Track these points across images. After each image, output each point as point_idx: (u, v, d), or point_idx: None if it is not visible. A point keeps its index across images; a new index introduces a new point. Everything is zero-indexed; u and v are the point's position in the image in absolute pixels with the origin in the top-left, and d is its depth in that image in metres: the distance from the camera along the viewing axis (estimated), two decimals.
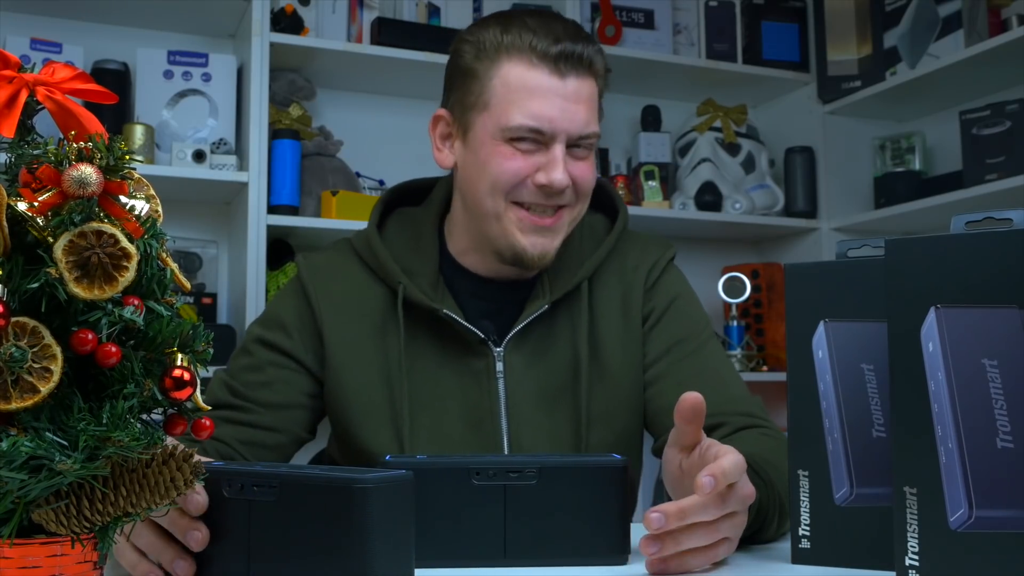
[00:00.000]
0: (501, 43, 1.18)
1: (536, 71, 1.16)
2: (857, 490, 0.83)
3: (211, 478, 0.72)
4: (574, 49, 1.16)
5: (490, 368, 1.22)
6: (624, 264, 1.29)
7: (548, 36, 1.16)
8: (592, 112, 1.19)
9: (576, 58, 1.16)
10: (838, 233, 2.67)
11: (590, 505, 0.84)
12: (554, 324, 1.24)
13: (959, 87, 2.50)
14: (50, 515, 0.55)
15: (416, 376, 1.22)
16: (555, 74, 1.16)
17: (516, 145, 1.17)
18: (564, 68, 1.16)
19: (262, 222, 2.12)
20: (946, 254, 0.72)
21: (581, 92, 1.17)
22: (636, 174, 2.63)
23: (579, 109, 1.17)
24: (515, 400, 1.21)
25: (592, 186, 1.23)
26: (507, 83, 1.17)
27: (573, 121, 1.16)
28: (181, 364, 0.57)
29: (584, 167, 1.20)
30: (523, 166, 1.17)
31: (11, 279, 0.54)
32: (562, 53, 1.15)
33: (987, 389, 0.71)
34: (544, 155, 1.17)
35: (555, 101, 1.15)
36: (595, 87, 1.20)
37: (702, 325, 1.31)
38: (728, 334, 2.60)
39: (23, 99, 0.57)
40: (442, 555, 0.82)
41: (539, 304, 1.22)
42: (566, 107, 1.16)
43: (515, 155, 1.17)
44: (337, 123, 2.44)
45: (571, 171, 1.18)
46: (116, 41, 2.27)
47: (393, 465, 0.83)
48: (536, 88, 1.15)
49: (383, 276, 1.25)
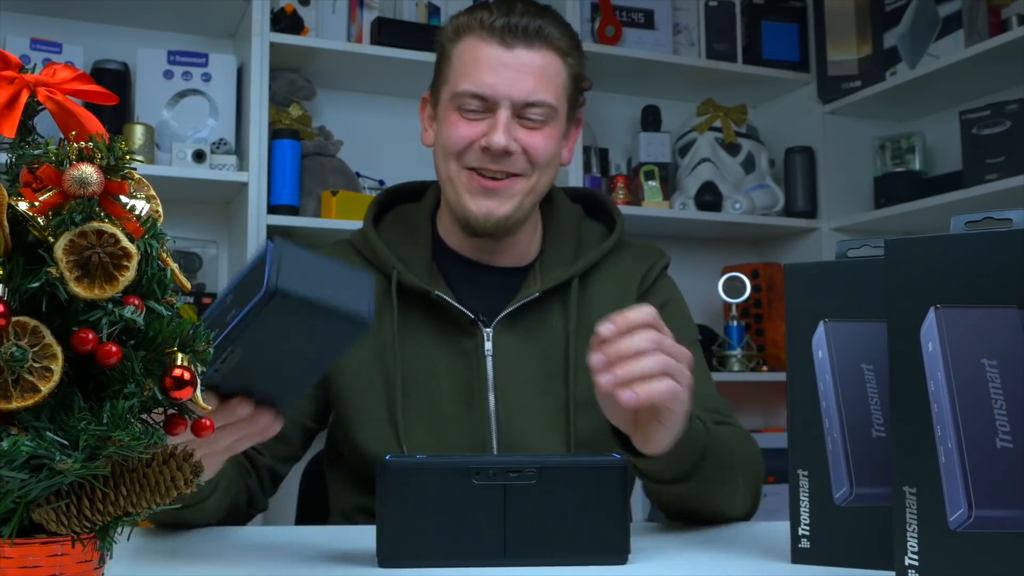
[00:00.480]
0: (461, 24, 1.26)
1: (485, 43, 1.23)
2: (857, 490, 0.83)
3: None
4: (520, 22, 1.22)
5: (479, 347, 1.25)
6: (620, 270, 1.33)
7: (500, 12, 1.23)
8: (542, 82, 1.23)
9: (522, 29, 1.22)
10: (838, 233, 2.67)
11: (590, 505, 0.84)
12: (545, 313, 1.28)
13: (959, 87, 2.50)
14: (50, 515, 0.55)
15: (410, 357, 1.25)
16: (501, 45, 1.22)
17: (464, 112, 1.24)
18: (510, 39, 1.22)
19: (262, 222, 2.12)
20: (946, 254, 0.72)
21: (530, 62, 1.22)
22: (636, 174, 2.63)
23: (525, 78, 1.22)
24: (503, 379, 1.24)
25: (548, 157, 1.26)
26: (461, 57, 1.25)
27: (517, 88, 1.22)
28: (181, 364, 0.57)
29: (537, 136, 1.24)
30: (469, 131, 1.23)
31: (12, 279, 0.54)
32: (508, 25, 1.22)
33: (987, 389, 0.71)
34: (490, 122, 1.23)
35: (499, 70, 1.22)
36: (552, 60, 1.25)
37: (690, 332, 1.36)
38: (728, 334, 2.60)
39: (24, 100, 0.57)
40: (442, 555, 0.82)
41: (531, 291, 1.26)
42: (510, 75, 1.22)
43: (461, 121, 1.24)
44: (337, 123, 2.44)
45: (522, 139, 1.23)
46: (116, 41, 2.27)
47: (393, 465, 0.83)
48: (483, 58, 1.23)
49: (378, 264, 1.28)
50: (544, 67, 1.23)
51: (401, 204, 1.38)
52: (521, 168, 1.24)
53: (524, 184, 1.25)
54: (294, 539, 1.00)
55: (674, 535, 1.04)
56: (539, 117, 1.23)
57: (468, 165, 1.24)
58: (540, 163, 1.25)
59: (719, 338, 2.64)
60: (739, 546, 0.96)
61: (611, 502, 0.84)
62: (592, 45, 2.52)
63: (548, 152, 1.25)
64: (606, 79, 2.62)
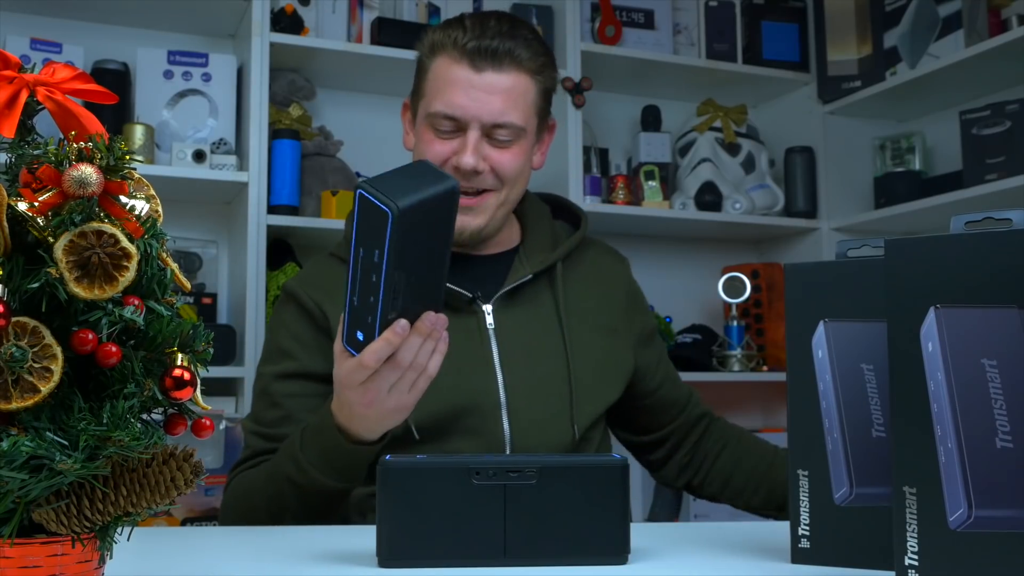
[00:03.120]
0: (436, 40, 1.33)
1: (457, 65, 1.29)
2: (857, 490, 0.83)
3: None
4: (490, 44, 1.28)
5: (481, 324, 1.32)
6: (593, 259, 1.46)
7: (473, 33, 1.29)
8: (511, 103, 1.30)
9: (492, 52, 1.28)
10: (838, 233, 2.67)
11: (590, 505, 0.84)
12: (535, 294, 1.37)
13: (959, 87, 2.50)
14: (50, 515, 0.55)
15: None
16: (472, 68, 1.29)
17: (438, 131, 1.31)
18: (480, 62, 1.28)
19: (262, 222, 2.12)
20: (946, 254, 0.72)
21: (498, 84, 1.29)
22: (636, 174, 2.63)
23: (493, 100, 1.29)
24: (507, 352, 1.31)
25: (516, 173, 1.34)
26: (436, 76, 1.32)
27: (485, 110, 1.29)
28: (181, 364, 0.57)
29: (505, 155, 1.31)
30: (442, 149, 1.31)
31: (11, 279, 0.54)
32: (478, 48, 1.28)
33: (987, 389, 0.71)
34: (460, 141, 1.30)
35: (469, 92, 1.28)
36: (521, 80, 1.31)
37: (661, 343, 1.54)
38: (728, 334, 2.60)
39: (23, 99, 0.57)
40: (442, 555, 0.82)
41: (523, 273, 1.35)
42: (479, 97, 1.28)
43: (436, 139, 1.32)
44: (337, 123, 2.44)
45: (491, 157, 1.31)
46: (116, 41, 2.27)
47: (393, 465, 0.83)
48: (454, 80, 1.29)
49: None
50: (512, 88, 1.30)
51: None
52: (491, 184, 1.32)
53: (495, 198, 1.33)
54: (294, 539, 1.00)
55: (674, 535, 1.05)
56: (507, 137, 1.31)
57: None
58: (509, 179, 1.33)
59: (719, 338, 2.64)
60: (739, 546, 0.96)
61: (611, 502, 0.84)
62: (592, 45, 2.52)
63: (516, 168, 1.33)
64: (606, 79, 2.63)
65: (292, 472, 1.14)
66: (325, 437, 1.11)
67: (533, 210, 1.46)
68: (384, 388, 1.02)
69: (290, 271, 2.19)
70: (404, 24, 2.40)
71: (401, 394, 1.03)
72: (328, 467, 1.12)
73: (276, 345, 1.34)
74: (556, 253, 1.39)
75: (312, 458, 1.12)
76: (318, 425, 1.13)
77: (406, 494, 0.82)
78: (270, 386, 1.31)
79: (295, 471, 1.13)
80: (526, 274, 1.35)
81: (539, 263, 1.37)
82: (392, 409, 1.05)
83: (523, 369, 1.31)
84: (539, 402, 1.30)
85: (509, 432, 1.27)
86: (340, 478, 1.12)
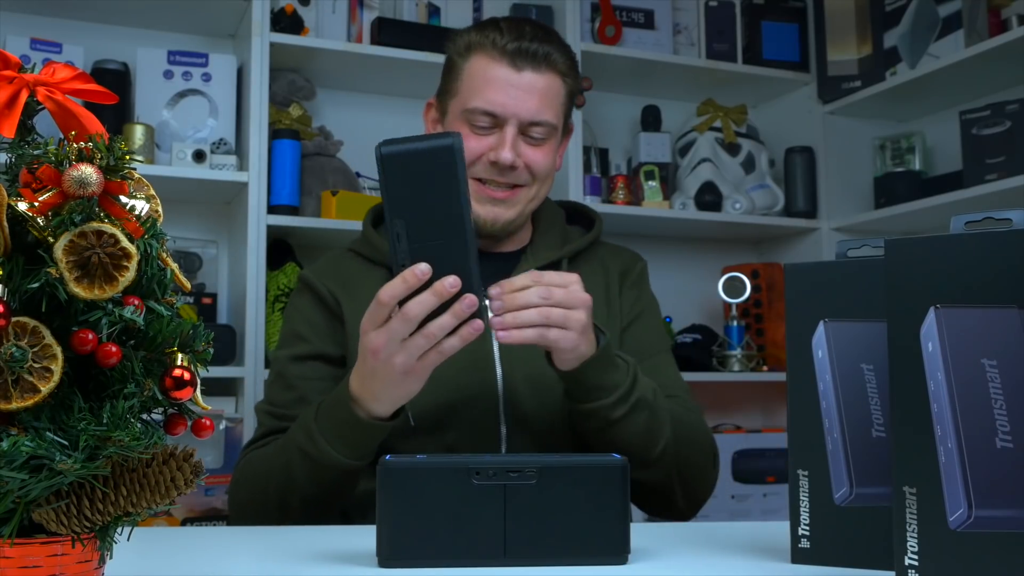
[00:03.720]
0: (473, 41, 1.37)
1: (496, 64, 1.34)
2: (857, 490, 0.83)
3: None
4: (530, 47, 1.33)
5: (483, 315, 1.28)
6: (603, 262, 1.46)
7: (511, 35, 1.34)
8: (546, 103, 1.35)
9: (532, 54, 1.33)
10: (838, 233, 2.67)
11: (590, 505, 0.84)
12: None
13: (959, 87, 2.50)
14: (50, 515, 0.55)
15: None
16: (512, 67, 1.33)
17: (475, 127, 1.35)
18: (520, 63, 1.33)
19: (262, 222, 2.11)
20: (946, 254, 0.72)
21: (536, 84, 1.34)
22: (636, 174, 2.63)
23: (531, 98, 1.34)
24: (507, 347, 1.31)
25: (548, 170, 1.39)
26: (472, 74, 1.36)
27: (524, 108, 1.33)
28: (181, 364, 0.57)
29: (538, 152, 1.36)
30: (479, 145, 1.34)
31: (11, 279, 0.54)
32: (519, 49, 1.33)
33: (987, 389, 0.71)
34: (498, 137, 1.34)
35: (509, 90, 1.33)
36: (555, 82, 1.36)
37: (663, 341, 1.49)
38: (728, 334, 2.60)
39: (23, 99, 0.57)
40: (442, 555, 0.82)
41: (527, 268, 1.36)
42: (518, 95, 1.33)
43: (472, 135, 1.35)
44: (337, 123, 2.44)
45: (526, 154, 1.35)
46: (116, 41, 2.27)
47: (393, 465, 0.83)
48: (494, 78, 1.34)
49: (381, 260, 1.38)
50: (547, 88, 1.35)
51: None
52: (524, 180, 1.37)
53: (526, 193, 1.38)
54: (294, 539, 1.00)
55: (674, 535, 1.05)
56: (541, 135, 1.36)
57: (476, 176, 1.35)
58: (541, 175, 1.38)
59: (719, 338, 2.64)
60: (739, 546, 0.96)
61: (611, 502, 0.84)
62: (592, 45, 2.52)
63: (548, 165, 1.39)
64: (606, 79, 2.63)
65: (304, 442, 1.17)
66: (339, 409, 1.14)
67: (547, 212, 1.49)
68: (396, 338, 1.05)
69: (290, 271, 2.19)
70: (404, 24, 2.40)
71: (410, 356, 1.05)
72: (339, 440, 1.14)
73: (290, 329, 1.39)
74: (563, 251, 1.42)
75: (325, 429, 1.15)
76: (334, 399, 1.16)
77: (406, 494, 0.82)
78: (285, 369, 1.35)
79: (307, 441, 1.16)
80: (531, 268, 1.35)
81: (544, 259, 1.40)
82: (400, 371, 1.06)
83: (522, 365, 1.32)
84: (536, 399, 1.31)
85: (505, 428, 1.30)
86: (351, 452, 1.15)
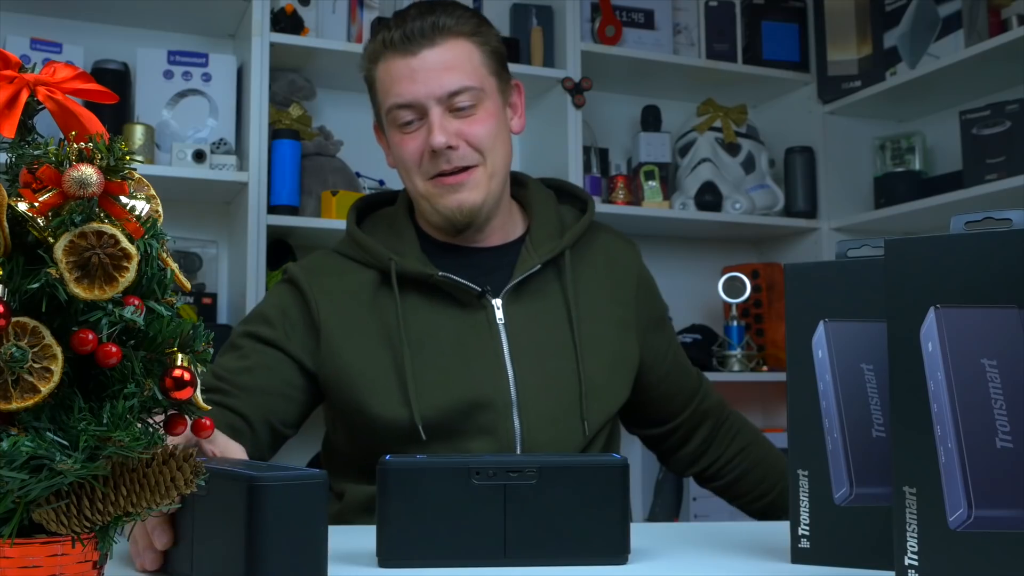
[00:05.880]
0: (372, 49, 1.33)
1: (393, 59, 1.29)
2: (857, 490, 0.83)
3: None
4: (415, 26, 1.27)
5: (491, 319, 1.30)
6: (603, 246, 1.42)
7: (396, 26, 1.28)
8: (458, 70, 1.28)
9: (419, 32, 1.27)
10: (838, 233, 2.67)
11: (590, 505, 0.84)
12: (543, 284, 1.34)
13: (959, 87, 2.50)
14: (50, 515, 0.55)
15: (417, 337, 1.27)
16: (407, 54, 1.27)
17: (403, 128, 1.30)
18: (412, 46, 1.27)
19: (262, 222, 2.11)
20: (946, 254, 0.72)
21: (438, 58, 1.27)
22: (636, 174, 2.63)
23: (438, 73, 1.27)
24: (518, 346, 1.29)
25: (492, 139, 1.30)
26: (381, 80, 1.32)
27: (434, 85, 1.27)
28: (181, 364, 0.57)
29: (474, 124, 1.29)
30: (414, 143, 1.29)
31: (12, 279, 0.54)
32: (404, 34, 1.27)
33: (986, 389, 0.71)
34: (427, 126, 1.28)
35: (414, 75, 1.27)
36: (459, 45, 1.29)
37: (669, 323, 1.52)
38: (728, 334, 2.60)
39: (24, 99, 0.57)
40: (442, 555, 0.82)
41: (531, 263, 1.32)
42: (424, 76, 1.27)
43: (405, 137, 1.30)
44: (337, 123, 2.44)
45: (461, 130, 1.28)
46: (116, 41, 2.27)
47: (393, 465, 0.83)
48: (397, 73, 1.29)
49: (370, 261, 1.32)
50: (453, 57, 1.28)
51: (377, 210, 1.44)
52: (472, 159, 1.29)
53: (481, 172, 1.30)
54: None
55: (674, 535, 1.05)
56: (468, 102, 1.28)
57: (428, 175, 1.30)
58: (486, 147, 1.30)
59: (719, 338, 2.64)
60: (739, 546, 0.96)
61: (611, 502, 0.84)
62: (592, 45, 2.52)
63: (489, 135, 1.30)
64: (606, 79, 2.62)
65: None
66: None
67: (537, 196, 1.42)
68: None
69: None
70: None
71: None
72: None
73: (261, 312, 1.33)
74: (564, 240, 1.35)
75: None
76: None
77: (406, 494, 0.82)
78: (242, 341, 1.29)
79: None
80: (534, 264, 1.32)
81: (547, 252, 1.33)
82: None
83: (534, 365, 1.29)
84: (550, 399, 1.28)
85: (520, 430, 1.26)
86: None
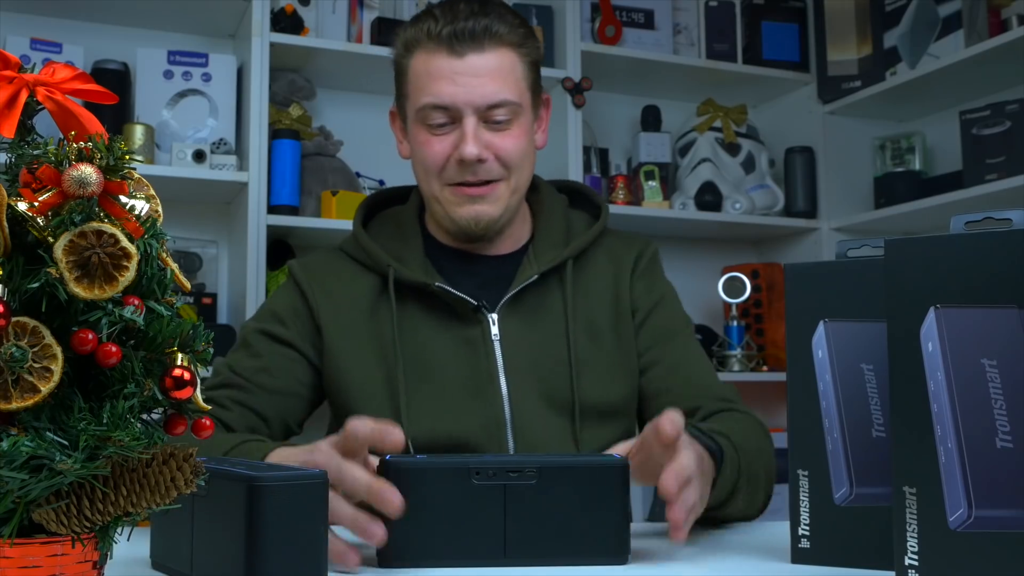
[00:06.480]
0: (410, 37, 1.26)
1: (436, 54, 1.23)
2: (857, 490, 0.83)
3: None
4: (466, 26, 1.21)
5: (486, 334, 1.26)
6: (611, 255, 1.35)
7: (444, 20, 1.22)
8: (501, 82, 1.23)
9: (470, 34, 1.21)
10: (838, 233, 2.67)
11: (590, 505, 0.84)
12: (543, 295, 1.29)
13: (959, 87, 2.50)
14: (50, 515, 0.55)
15: (411, 351, 1.25)
16: (452, 54, 1.22)
17: (432, 128, 1.24)
18: (459, 47, 1.22)
19: (262, 222, 2.11)
20: (946, 254, 0.72)
21: (484, 65, 1.22)
22: (636, 174, 2.63)
23: (482, 82, 1.22)
24: (512, 363, 1.25)
25: (521, 156, 1.26)
26: (416, 71, 1.26)
27: (476, 94, 1.22)
28: (181, 364, 0.57)
29: (507, 139, 1.24)
30: (441, 147, 1.24)
31: (11, 279, 0.54)
32: (454, 32, 1.21)
33: (986, 389, 0.71)
34: (458, 132, 1.23)
35: (455, 79, 1.22)
36: (506, 56, 1.24)
37: (686, 326, 1.39)
38: (728, 334, 2.60)
39: (23, 99, 0.57)
40: (442, 555, 0.82)
41: (529, 274, 1.27)
42: (467, 82, 1.21)
43: (432, 138, 1.25)
44: (337, 123, 2.44)
45: (493, 144, 1.24)
46: (116, 41, 2.27)
47: (393, 465, 0.83)
48: (436, 71, 1.23)
49: (372, 265, 1.30)
50: (499, 67, 1.23)
51: (387, 208, 1.41)
52: (498, 173, 1.25)
53: (504, 187, 1.26)
54: None
55: None
56: (505, 117, 1.24)
57: (449, 181, 1.25)
58: (515, 164, 1.26)
59: (719, 338, 2.64)
60: (739, 546, 0.96)
61: (611, 502, 0.84)
62: (592, 45, 2.52)
63: (520, 151, 1.26)
64: (606, 79, 2.62)
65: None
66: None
67: (547, 202, 1.36)
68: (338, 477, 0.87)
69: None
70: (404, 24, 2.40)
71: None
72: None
73: (270, 308, 1.31)
74: (567, 250, 1.30)
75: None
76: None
77: (406, 494, 0.82)
78: (255, 339, 1.27)
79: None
80: (532, 275, 1.27)
81: (547, 262, 1.29)
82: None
83: (529, 383, 1.24)
84: (544, 420, 1.24)
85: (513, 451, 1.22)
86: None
